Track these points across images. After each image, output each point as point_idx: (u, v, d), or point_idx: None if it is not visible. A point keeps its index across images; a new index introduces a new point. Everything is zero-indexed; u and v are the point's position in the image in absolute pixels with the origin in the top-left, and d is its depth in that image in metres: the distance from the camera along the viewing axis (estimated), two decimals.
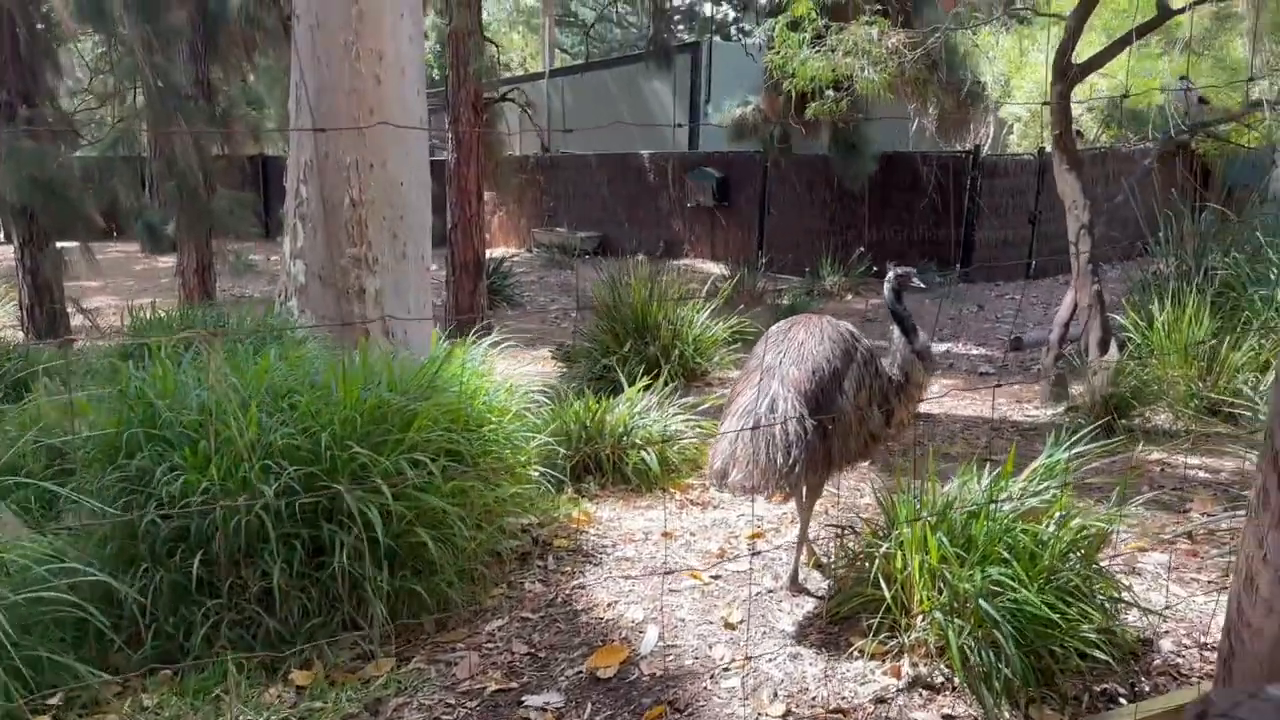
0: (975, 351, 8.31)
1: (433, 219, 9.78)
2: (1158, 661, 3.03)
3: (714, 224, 15.22)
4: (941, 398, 6.57)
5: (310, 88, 7.35)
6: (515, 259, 16.95)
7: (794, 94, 7.99)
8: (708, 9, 27.31)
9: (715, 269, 13.58)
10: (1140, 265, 7.35)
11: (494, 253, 17.18)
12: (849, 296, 11.89)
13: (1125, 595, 3.10)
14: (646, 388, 5.37)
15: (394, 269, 7.52)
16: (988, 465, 3.32)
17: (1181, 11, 7.76)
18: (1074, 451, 3.32)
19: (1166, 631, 3.20)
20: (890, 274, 3.61)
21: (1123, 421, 5.43)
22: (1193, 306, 5.96)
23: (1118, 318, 6.42)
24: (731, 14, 27.31)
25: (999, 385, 6.92)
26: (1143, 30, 6.43)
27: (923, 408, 6.51)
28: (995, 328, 9.62)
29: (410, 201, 7.67)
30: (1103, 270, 6.51)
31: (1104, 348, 6.06)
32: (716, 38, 18.70)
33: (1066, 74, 6.43)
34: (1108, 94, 14.70)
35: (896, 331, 3.59)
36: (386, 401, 3.36)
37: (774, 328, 3.58)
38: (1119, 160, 12.66)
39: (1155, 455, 5.13)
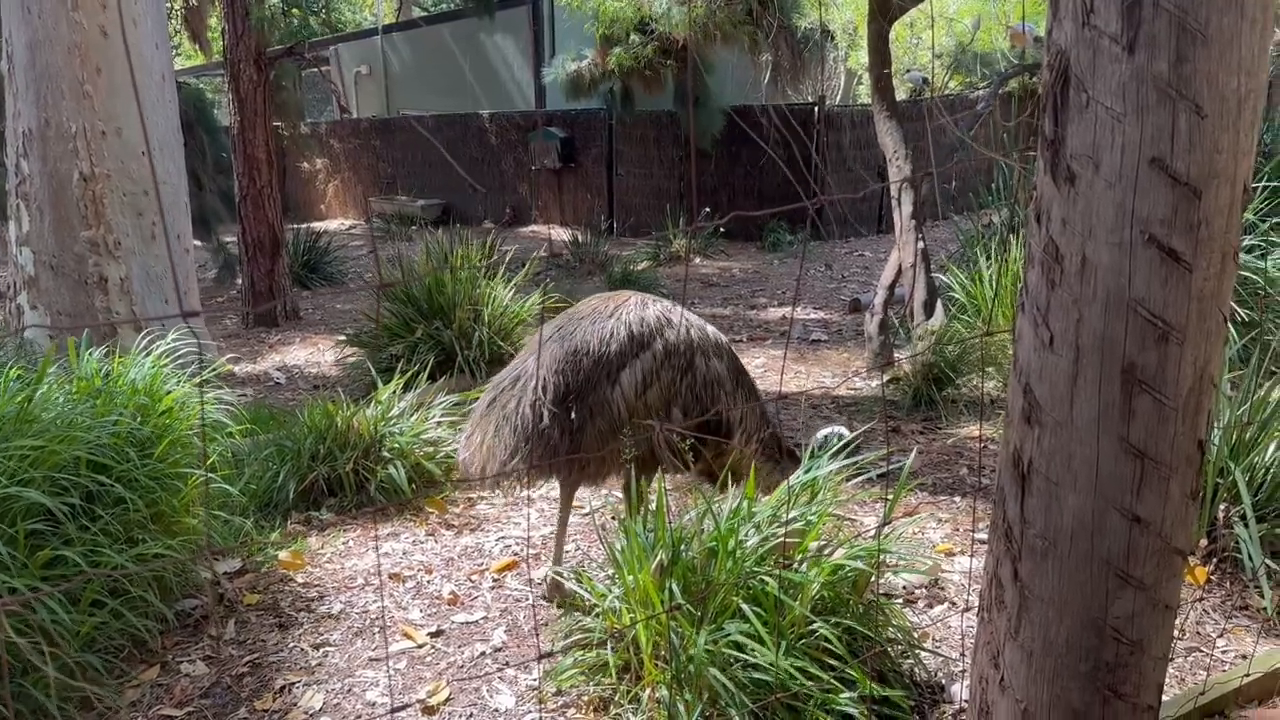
0: (813, 316, 7.79)
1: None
2: (949, 714, 2.46)
3: (561, 187, 14.34)
4: (765, 373, 5.99)
5: (20, 43, 6.17)
6: (352, 231, 15.72)
7: (598, 39, 7.19)
8: None
9: (563, 235, 12.75)
10: (973, 219, 6.93)
11: (329, 225, 15.88)
12: (697, 260, 11.26)
13: (902, 633, 2.51)
14: (407, 385, 4.57)
15: (142, 252, 6.43)
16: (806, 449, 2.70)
17: None
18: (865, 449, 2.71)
19: (964, 671, 2.64)
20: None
21: (945, 392, 4.94)
22: (1024, 257, 5.51)
23: (943, 277, 5.95)
24: None
25: (796, 351, 6.39)
26: None
27: None
28: (840, 288, 9.16)
29: (157, 173, 6.57)
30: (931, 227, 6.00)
31: (929, 310, 5.57)
32: None
33: (885, 9, 5.84)
34: (956, 40, 14.48)
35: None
36: None
37: (584, 300, 2.95)
38: (966, 108, 12.39)
39: (986, 430, 4.65)
